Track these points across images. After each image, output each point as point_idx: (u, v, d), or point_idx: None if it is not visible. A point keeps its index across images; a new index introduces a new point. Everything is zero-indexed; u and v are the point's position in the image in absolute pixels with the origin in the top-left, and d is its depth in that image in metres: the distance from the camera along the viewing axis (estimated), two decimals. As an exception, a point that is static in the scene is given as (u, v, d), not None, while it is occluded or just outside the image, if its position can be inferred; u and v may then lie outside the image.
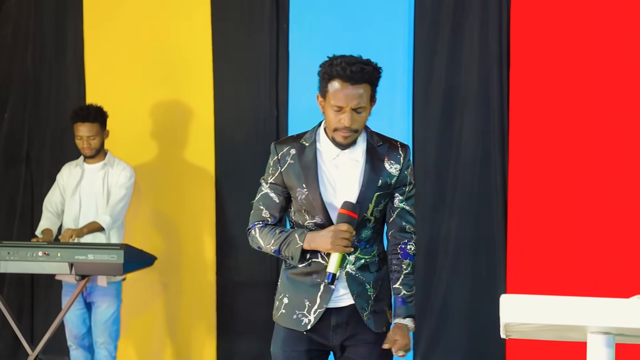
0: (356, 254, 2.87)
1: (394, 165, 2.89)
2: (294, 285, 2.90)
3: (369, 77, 2.80)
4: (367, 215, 2.85)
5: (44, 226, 4.78)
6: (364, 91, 2.80)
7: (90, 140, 4.73)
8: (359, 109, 2.80)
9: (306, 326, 2.87)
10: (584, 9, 4.61)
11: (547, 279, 4.64)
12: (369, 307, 2.89)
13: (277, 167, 2.92)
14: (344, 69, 2.78)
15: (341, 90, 2.79)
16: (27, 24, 5.58)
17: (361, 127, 2.84)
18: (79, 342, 4.78)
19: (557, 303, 2.04)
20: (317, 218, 2.86)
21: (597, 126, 4.59)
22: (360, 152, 2.88)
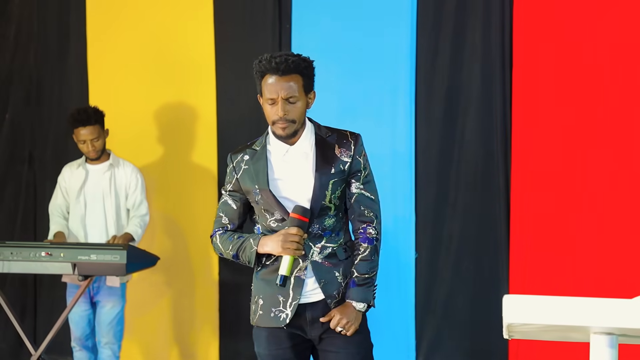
0: (322, 243, 2.94)
1: (345, 152, 2.96)
2: (266, 285, 2.96)
3: (296, 67, 2.90)
4: (326, 202, 2.92)
5: (55, 230, 4.77)
6: (295, 82, 2.90)
7: (94, 142, 4.73)
8: (291, 99, 2.89)
9: (285, 321, 2.93)
10: (587, 9, 4.61)
11: (550, 280, 4.63)
12: (339, 295, 2.95)
13: (233, 175, 3.03)
14: (270, 62, 2.90)
15: (271, 83, 2.90)
16: (30, 24, 5.58)
17: (298, 117, 2.92)
18: (83, 344, 4.79)
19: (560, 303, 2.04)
20: (276, 214, 2.93)
21: (599, 126, 4.58)
22: (309, 144, 2.96)
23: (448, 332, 4.92)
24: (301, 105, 2.93)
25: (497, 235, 4.81)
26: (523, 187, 4.72)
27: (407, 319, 4.91)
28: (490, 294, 4.76)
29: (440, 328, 4.93)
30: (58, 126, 5.49)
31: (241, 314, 5.30)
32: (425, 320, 4.92)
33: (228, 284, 5.32)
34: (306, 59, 2.95)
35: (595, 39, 4.59)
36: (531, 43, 4.71)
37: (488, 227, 4.84)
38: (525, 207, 4.71)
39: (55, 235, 4.74)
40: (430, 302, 4.93)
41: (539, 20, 4.69)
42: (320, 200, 2.91)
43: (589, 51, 4.60)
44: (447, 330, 4.92)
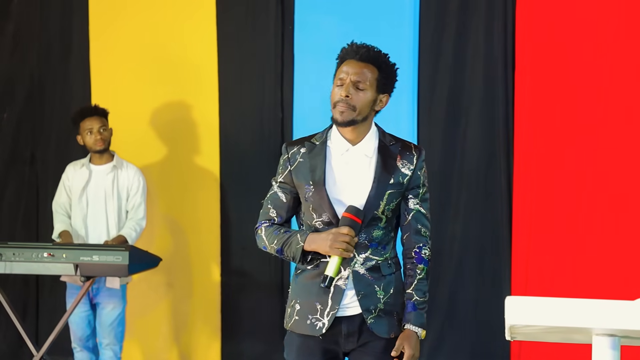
0: (367, 254, 2.81)
1: (406, 165, 2.84)
2: (304, 290, 2.85)
3: (375, 57, 2.82)
4: (378, 213, 2.80)
5: (60, 229, 4.76)
6: (369, 71, 2.80)
7: (102, 131, 4.72)
8: (360, 84, 2.78)
9: (321, 330, 2.80)
10: (589, 11, 4.61)
11: (552, 281, 4.63)
12: (375, 311, 2.82)
13: (286, 166, 2.87)
14: (351, 46, 2.85)
15: (346, 66, 2.82)
16: (32, 24, 5.59)
17: (360, 106, 2.79)
18: (84, 344, 4.78)
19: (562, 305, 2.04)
20: (324, 216, 2.80)
21: (601, 127, 4.58)
22: (372, 148, 2.84)
23: (450, 334, 4.92)
24: (369, 97, 2.79)
25: (499, 236, 4.81)
26: (525, 188, 4.72)
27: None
28: (492, 295, 4.76)
29: (442, 329, 4.92)
30: (60, 126, 5.49)
31: (242, 315, 5.30)
32: (428, 321, 4.90)
33: (229, 285, 5.31)
34: (389, 59, 2.86)
35: (598, 40, 4.59)
36: (534, 44, 4.71)
37: (490, 228, 4.84)
38: (527, 208, 4.71)
39: (61, 234, 4.73)
40: (433, 303, 4.90)
41: (541, 21, 4.69)
42: (373, 209, 2.78)
43: (591, 52, 4.60)
44: (449, 332, 4.92)
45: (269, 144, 5.25)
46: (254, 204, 5.35)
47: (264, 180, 5.36)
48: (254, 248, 5.27)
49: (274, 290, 5.22)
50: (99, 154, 4.78)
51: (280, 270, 5.20)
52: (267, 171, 5.32)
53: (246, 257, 5.30)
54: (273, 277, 5.21)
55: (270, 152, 5.24)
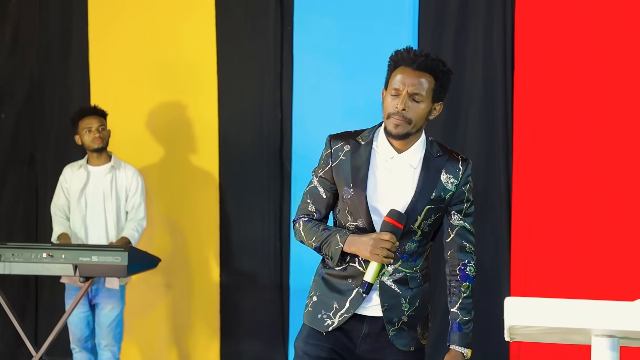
0: (396, 266, 2.75)
1: (450, 180, 2.75)
2: (327, 285, 2.79)
3: (433, 67, 2.69)
4: (414, 227, 2.72)
5: (59, 231, 4.76)
6: (426, 80, 2.68)
7: (101, 129, 4.72)
8: (417, 96, 2.67)
9: (327, 327, 2.75)
10: (588, 11, 4.61)
11: (551, 282, 4.63)
12: (398, 323, 2.76)
13: (328, 161, 2.78)
14: (408, 53, 2.73)
15: (402, 74, 2.70)
16: (31, 24, 5.58)
17: (416, 119, 2.68)
18: (82, 345, 4.78)
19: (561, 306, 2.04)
20: (359, 221, 2.73)
21: (601, 128, 4.59)
22: (417, 158, 2.74)
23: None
24: (424, 108, 2.69)
25: (498, 237, 4.81)
26: (524, 189, 4.72)
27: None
28: (492, 296, 4.76)
29: (441, 331, 4.92)
30: (59, 127, 5.49)
31: (242, 315, 5.30)
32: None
33: (229, 285, 5.32)
34: (445, 66, 2.72)
35: (597, 40, 4.59)
36: (533, 45, 4.71)
37: (489, 229, 4.84)
38: (526, 209, 4.71)
39: (60, 237, 4.73)
40: (432, 304, 4.92)
41: (540, 22, 4.70)
42: (410, 223, 2.69)
43: (590, 53, 4.60)
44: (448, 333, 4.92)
45: (268, 144, 5.25)
46: (253, 204, 5.40)
47: (263, 180, 5.40)
48: (253, 248, 5.32)
49: (273, 291, 5.22)
50: (96, 155, 4.77)
51: (279, 271, 5.20)
52: (266, 171, 5.35)
53: (245, 258, 5.31)
54: (272, 278, 5.21)
55: (269, 152, 5.24)
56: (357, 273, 2.76)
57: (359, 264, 2.75)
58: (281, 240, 5.21)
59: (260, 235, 5.27)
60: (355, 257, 2.75)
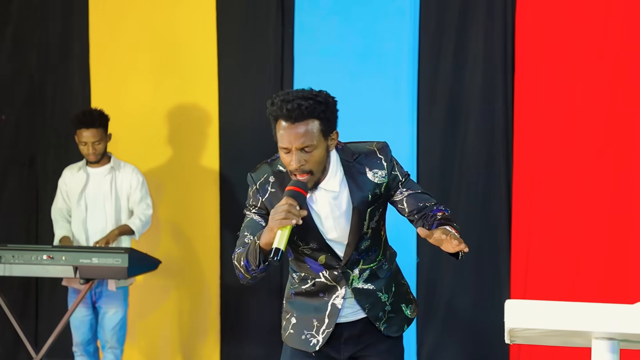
0: (360, 266, 2.76)
1: (378, 173, 2.73)
2: (301, 305, 2.81)
3: (310, 112, 2.57)
4: (364, 230, 2.73)
5: (61, 234, 4.76)
6: (310, 127, 2.58)
7: (96, 145, 4.71)
8: (307, 148, 2.58)
9: (314, 347, 2.77)
10: (589, 13, 4.61)
11: (552, 284, 4.63)
12: (385, 314, 2.80)
13: (257, 197, 2.74)
14: (281, 108, 2.58)
15: (284, 130, 2.59)
16: (32, 26, 5.58)
17: (316, 167, 2.62)
18: (84, 349, 4.78)
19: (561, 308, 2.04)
20: (312, 243, 2.72)
21: (601, 130, 4.58)
22: (336, 182, 2.70)
23: (449, 337, 4.92)
24: (320, 153, 2.61)
25: (498, 239, 4.81)
26: (525, 190, 4.72)
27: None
28: (492, 298, 4.76)
29: (441, 333, 4.92)
30: (60, 128, 5.49)
31: (243, 318, 5.30)
32: (427, 324, 4.91)
33: (230, 287, 5.31)
34: (323, 101, 2.61)
35: (597, 42, 4.59)
36: (533, 46, 4.71)
37: (490, 230, 4.84)
38: (526, 211, 4.71)
39: (62, 240, 4.73)
40: (432, 306, 4.92)
41: (541, 24, 4.70)
42: (359, 233, 2.70)
43: (591, 55, 4.60)
44: (448, 335, 4.92)
45: (268, 145, 5.18)
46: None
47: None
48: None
49: (273, 293, 5.21)
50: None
51: (280, 273, 5.19)
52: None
53: (246, 260, 5.30)
54: (273, 280, 5.21)
55: (270, 154, 5.22)
56: (325, 287, 2.76)
57: (325, 278, 2.76)
58: (281, 242, 5.21)
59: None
60: (320, 272, 2.75)
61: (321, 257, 2.75)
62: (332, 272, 2.75)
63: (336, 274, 2.75)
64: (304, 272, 2.80)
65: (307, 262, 2.78)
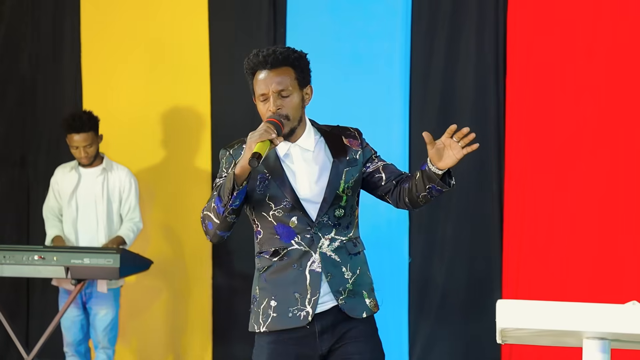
0: (331, 235, 2.76)
1: (353, 142, 2.84)
2: (277, 285, 2.76)
3: (285, 58, 2.76)
4: (339, 192, 2.77)
5: (53, 234, 4.74)
6: (286, 75, 2.75)
7: (87, 149, 4.70)
8: (283, 92, 2.74)
9: (306, 319, 2.71)
10: (580, 15, 4.62)
11: (543, 284, 4.64)
12: (345, 292, 2.75)
13: (230, 160, 2.79)
14: (257, 56, 2.77)
15: (261, 79, 2.75)
16: (23, 25, 5.57)
17: (292, 112, 2.74)
18: (75, 349, 4.77)
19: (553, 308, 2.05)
20: (284, 202, 2.73)
21: (592, 131, 4.60)
22: (311, 142, 2.80)
23: (441, 337, 4.92)
24: (296, 100, 2.75)
25: (490, 240, 4.81)
26: (516, 190, 4.73)
27: (401, 323, 4.91)
28: (484, 298, 4.77)
29: (433, 332, 4.93)
30: (52, 129, 5.47)
31: (235, 318, 5.30)
32: (419, 324, 4.92)
33: (222, 288, 5.31)
34: (297, 51, 2.80)
35: (589, 42, 4.61)
36: (525, 47, 4.72)
37: (481, 231, 4.84)
38: (518, 211, 4.72)
39: (54, 239, 4.72)
40: (424, 306, 4.93)
41: (532, 23, 4.71)
42: (335, 189, 2.75)
43: (582, 54, 4.61)
44: (440, 335, 4.92)
45: (260, 146, 5.24)
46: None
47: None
48: (246, 250, 5.31)
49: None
50: None
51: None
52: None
53: (238, 259, 5.30)
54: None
55: (262, 154, 5.23)
56: (297, 255, 2.75)
57: (297, 244, 2.75)
58: (274, 242, 5.21)
59: (252, 237, 5.25)
60: (291, 239, 2.75)
61: (293, 219, 2.75)
62: (304, 235, 2.74)
63: (308, 237, 2.74)
64: (274, 246, 2.78)
65: (277, 232, 2.77)
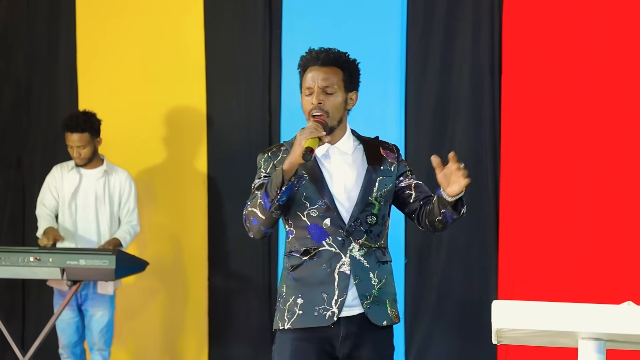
0: (362, 240, 2.82)
1: (390, 155, 2.93)
2: (305, 284, 2.81)
3: (336, 58, 2.87)
4: (372, 199, 2.84)
5: (45, 225, 4.70)
6: (333, 74, 2.85)
7: (81, 149, 4.68)
8: (328, 88, 2.83)
9: (332, 319, 2.77)
10: (576, 15, 4.63)
11: (539, 285, 4.64)
12: (370, 297, 2.81)
13: (269, 161, 2.89)
14: (311, 53, 2.90)
15: (310, 73, 2.87)
16: (19, 25, 5.56)
17: (333, 110, 2.82)
18: (71, 351, 4.76)
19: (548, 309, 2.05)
20: (319, 202, 2.80)
21: (588, 131, 4.61)
22: (351, 146, 2.89)
23: (437, 338, 4.92)
24: (339, 100, 2.84)
25: (486, 240, 4.82)
26: (512, 191, 4.74)
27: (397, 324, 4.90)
28: (479, 299, 4.77)
29: (429, 333, 4.93)
30: (47, 129, 5.47)
31: (231, 319, 5.30)
32: (415, 325, 4.92)
33: (218, 289, 5.31)
34: (349, 56, 2.91)
35: (584, 43, 4.61)
36: (520, 48, 4.73)
37: (477, 232, 4.85)
38: (514, 212, 4.72)
39: (46, 230, 4.66)
40: (420, 307, 4.93)
41: (528, 25, 4.72)
42: (368, 195, 2.83)
43: (577, 56, 4.62)
44: (436, 336, 4.93)
45: (256, 147, 5.24)
46: (241, 207, 5.37)
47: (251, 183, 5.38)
48: (242, 251, 5.32)
49: (262, 294, 5.21)
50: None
51: (268, 274, 5.19)
52: (254, 174, 5.33)
53: (234, 261, 5.30)
54: (261, 281, 5.21)
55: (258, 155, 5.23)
56: (329, 256, 2.80)
57: (328, 245, 2.80)
58: (270, 244, 5.21)
59: (248, 238, 5.19)
60: (323, 239, 2.80)
61: (326, 221, 2.81)
62: (335, 237, 2.80)
63: (339, 239, 2.80)
64: (305, 246, 2.82)
65: (309, 232, 2.82)
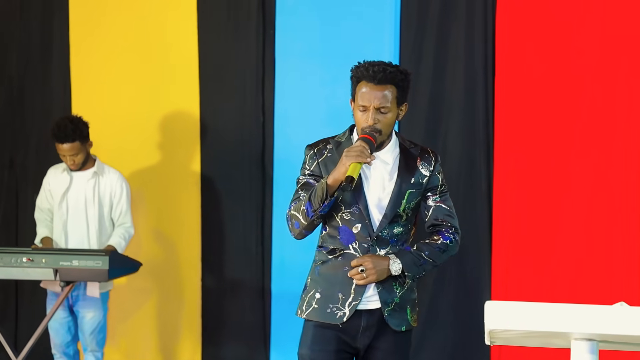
0: (387, 249, 2.93)
1: (425, 166, 2.99)
2: (327, 280, 2.94)
3: (392, 77, 2.89)
4: (400, 211, 2.92)
5: (43, 234, 4.71)
6: (389, 92, 2.89)
7: (73, 157, 4.67)
8: (383, 109, 2.88)
9: (341, 319, 2.90)
10: (569, 16, 4.64)
11: (532, 285, 4.65)
12: (391, 304, 2.93)
13: (314, 159, 2.96)
14: (367, 70, 2.89)
15: (365, 91, 2.89)
16: (12, 26, 5.55)
17: (386, 128, 2.91)
18: (63, 351, 4.75)
19: (541, 310, 2.05)
20: (353, 207, 2.90)
21: (581, 132, 4.61)
22: (391, 157, 2.96)
23: (430, 338, 4.93)
24: (391, 117, 2.91)
25: (479, 241, 4.82)
26: (505, 192, 4.74)
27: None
28: (472, 299, 4.78)
29: (422, 334, 4.93)
30: (40, 130, 5.45)
31: (224, 319, 5.29)
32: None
33: (211, 289, 5.30)
34: (403, 71, 2.94)
35: (578, 44, 4.62)
36: (513, 49, 4.74)
37: (470, 232, 4.85)
38: (507, 213, 4.73)
39: (43, 240, 4.69)
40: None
41: (521, 24, 4.72)
42: (396, 207, 2.92)
43: (571, 57, 4.63)
44: (429, 336, 4.93)
45: (250, 148, 5.25)
46: (235, 208, 5.39)
47: (245, 184, 5.39)
48: (235, 252, 5.31)
49: (255, 294, 5.21)
50: None
51: (261, 274, 5.19)
52: (247, 175, 5.35)
53: (227, 261, 5.30)
54: (254, 281, 5.21)
55: (252, 155, 5.24)
56: (353, 258, 2.92)
57: (353, 250, 2.92)
58: (263, 244, 5.21)
59: (242, 239, 5.26)
60: (350, 243, 2.91)
61: (357, 225, 2.91)
62: (362, 244, 2.91)
63: (365, 246, 2.91)
64: (333, 245, 2.94)
65: (340, 233, 2.94)
